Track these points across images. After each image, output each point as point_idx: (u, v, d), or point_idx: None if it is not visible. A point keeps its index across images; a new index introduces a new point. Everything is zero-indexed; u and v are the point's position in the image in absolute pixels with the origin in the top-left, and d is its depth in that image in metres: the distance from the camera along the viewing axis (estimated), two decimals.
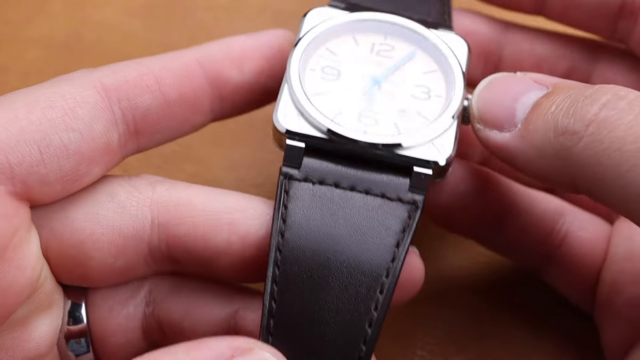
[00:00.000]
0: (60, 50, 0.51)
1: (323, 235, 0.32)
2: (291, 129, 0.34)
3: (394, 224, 0.33)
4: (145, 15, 0.53)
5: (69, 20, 0.53)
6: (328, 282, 0.31)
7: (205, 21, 0.53)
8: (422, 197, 0.33)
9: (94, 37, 0.52)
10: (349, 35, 0.37)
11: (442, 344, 0.41)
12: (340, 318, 0.31)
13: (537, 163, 0.32)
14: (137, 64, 0.35)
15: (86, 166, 0.32)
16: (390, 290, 0.31)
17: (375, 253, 0.32)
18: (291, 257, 0.32)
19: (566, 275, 0.39)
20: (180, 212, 0.34)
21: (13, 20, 0.53)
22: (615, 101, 0.30)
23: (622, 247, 0.38)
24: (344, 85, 0.36)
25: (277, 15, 0.53)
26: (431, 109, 0.35)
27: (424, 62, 0.37)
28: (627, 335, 0.37)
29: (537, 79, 0.34)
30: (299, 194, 0.33)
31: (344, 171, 0.34)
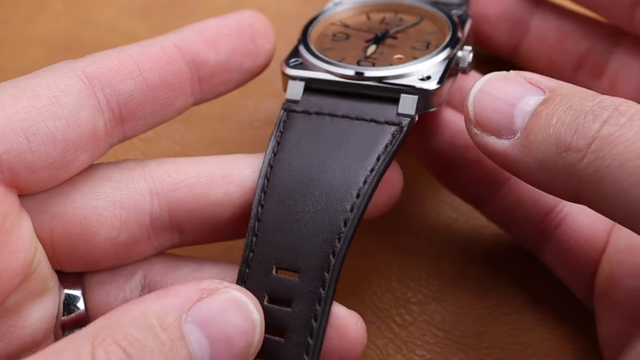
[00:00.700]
0: (60, 50, 0.51)
1: (311, 153, 0.35)
2: (294, 71, 0.38)
3: (378, 141, 0.35)
4: (145, 15, 0.53)
5: (69, 20, 0.53)
6: (310, 190, 0.34)
7: None
8: (408, 120, 0.36)
9: (94, 37, 0.52)
10: (363, 14, 0.41)
11: (442, 344, 0.41)
12: (318, 218, 0.34)
13: (539, 175, 0.32)
14: (117, 52, 0.35)
15: (73, 153, 0.33)
16: (367, 195, 0.34)
17: (356, 165, 0.35)
18: (280, 170, 0.35)
19: (563, 258, 0.40)
20: (174, 178, 0.35)
21: (13, 20, 0.53)
22: (616, 117, 0.30)
23: (623, 239, 0.38)
24: (350, 42, 0.39)
25: (277, 15, 0.53)
26: (428, 56, 0.38)
27: (428, 26, 0.40)
28: (624, 329, 0.37)
29: (532, 80, 0.34)
30: (296, 122, 0.36)
31: (340, 103, 0.37)
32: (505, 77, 0.34)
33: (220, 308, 0.29)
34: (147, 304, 0.29)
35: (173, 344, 0.28)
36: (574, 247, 0.39)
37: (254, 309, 0.30)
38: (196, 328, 0.28)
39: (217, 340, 0.29)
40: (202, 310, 0.29)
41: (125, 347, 0.27)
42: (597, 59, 0.43)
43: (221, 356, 0.29)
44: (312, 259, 0.33)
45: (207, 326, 0.29)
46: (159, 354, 0.27)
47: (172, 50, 0.36)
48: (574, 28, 0.43)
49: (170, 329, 0.28)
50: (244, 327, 0.30)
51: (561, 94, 0.33)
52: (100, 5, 0.53)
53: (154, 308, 0.28)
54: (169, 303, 0.29)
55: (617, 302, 0.37)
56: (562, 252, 0.40)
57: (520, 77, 0.34)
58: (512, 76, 0.34)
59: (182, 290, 0.30)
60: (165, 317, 0.28)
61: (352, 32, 0.40)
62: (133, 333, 0.27)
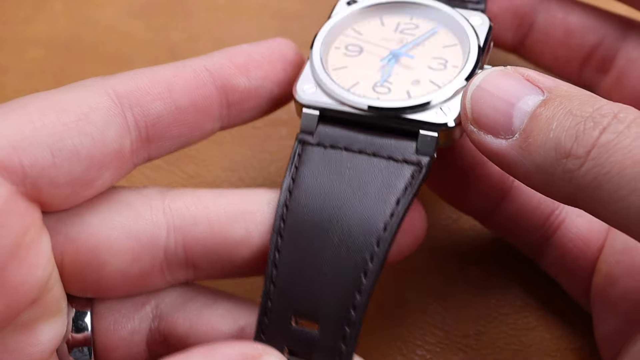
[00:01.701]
0: (60, 50, 0.51)
1: (328, 192, 0.34)
2: (307, 99, 0.36)
3: (397, 183, 0.34)
4: (145, 15, 0.53)
5: (69, 20, 0.53)
6: (328, 235, 0.33)
7: (205, 21, 0.53)
8: (427, 159, 0.35)
9: (94, 37, 0.52)
10: (376, 17, 0.39)
11: (442, 344, 0.41)
12: (337, 268, 0.33)
13: (537, 178, 0.32)
14: (149, 71, 0.35)
15: (97, 171, 0.33)
16: (387, 243, 0.33)
17: (375, 209, 0.34)
18: (296, 211, 0.34)
19: (562, 261, 0.40)
20: (194, 213, 0.34)
21: (13, 20, 0.53)
22: (615, 124, 0.30)
23: (619, 239, 0.38)
24: (364, 60, 0.37)
25: (277, 15, 0.53)
26: (445, 78, 0.36)
27: (445, 37, 0.38)
28: (621, 328, 0.37)
29: (530, 77, 0.33)
30: (311, 156, 0.35)
31: (355, 136, 0.36)
32: (503, 73, 0.34)
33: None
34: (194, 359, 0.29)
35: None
36: (572, 249, 0.39)
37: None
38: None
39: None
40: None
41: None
42: (604, 54, 0.43)
43: None
44: (332, 311, 0.32)
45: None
46: None
47: (203, 73, 0.36)
48: (581, 23, 0.43)
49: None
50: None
51: (560, 95, 0.32)
52: (100, 5, 0.53)
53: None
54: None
55: (615, 302, 0.37)
56: (561, 255, 0.40)
57: (519, 73, 0.34)
58: (510, 73, 0.34)
59: (227, 353, 0.29)
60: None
61: (365, 45, 0.38)
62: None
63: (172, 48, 0.52)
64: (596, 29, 0.43)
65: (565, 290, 0.41)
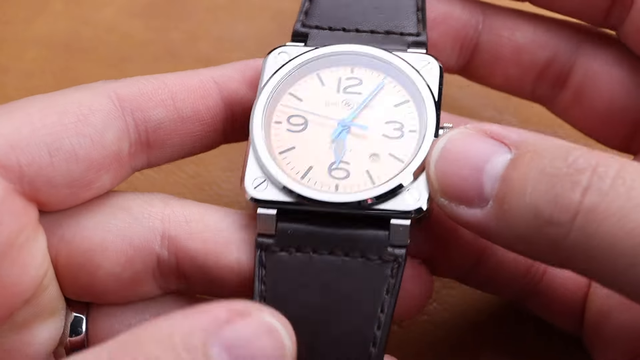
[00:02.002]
0: (60, 50, 0.51)
1: (306, 309, 0.31)
2: (260, 197, 0.33)
3: (377, 288, 0.32)
4: (145, 15, 0.53)
5: (69, 20, 0.53)
6: (318, 353, 0.31)
7: (205, 21, 0.53)
8: (403, 252, 0.32)
9: (94, 37, 0.52)
10: (313, 73, 0.35)
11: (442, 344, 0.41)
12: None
13: (520, 246, 0.30)
14: (154, 78, 0.35)
15: (95, 173, 0.33)
16: (380, 358, 0.31)
17: (360, 325, 0.31)
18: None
19: (551, 305, 0.38)
20: (192, 227, 0.34)
21: (13, 20, 0.53)
22: (597, 183, 0.28)
23: None
24: (312, 136, 0.34)
25: (277, 15, 0.53)
26: (405, 148, 0.33)
27: (394, 93, 0.35)
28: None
29: (494, 133, 0.31)
30: (277, 266, 0.32)
31: (321, 232, 0.32)
32: (465, 136, 0.31)
33: (250, 332, 0.28)
34: (173, 321, 0.28)
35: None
36: (560, 292, 0.38)
37: (286, 336, 0.28)
38: (222, 352, 0.27)
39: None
40: (230, 333, 0.27)
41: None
42: (559, 69, 0.40)
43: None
44: None
45: (234, 350, 0.27)
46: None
47: (209, 84, 0.35)
48: (529, 39, 0.40)
49: (194, 350, 0.27)
50: (273, 354, 0.28)
51: (529, 150, 0.30)
52: (100, 5, 0.53)
53: (179, 327, 0.27)
54: (195, 323, 0.27)
55: (611, 337, 0.36)
56: (549, 299, 0.38)
57: (481, 132, 0.31)
58: (472, 133, 0.31)
59: (212, 310, 0.28)
60: (190, 337, 0.27)
61: (309, 117, 0.34)
62: (154, 351, 0.26)
63: (172, 48, 0.52)
64: (547, 44, 0.40)
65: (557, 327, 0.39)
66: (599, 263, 0.28)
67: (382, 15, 0.36)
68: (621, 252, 0.27)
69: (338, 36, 0.36)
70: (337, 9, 0.37)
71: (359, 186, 0.33)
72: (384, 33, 0.36)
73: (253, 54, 0.37)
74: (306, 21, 0.37)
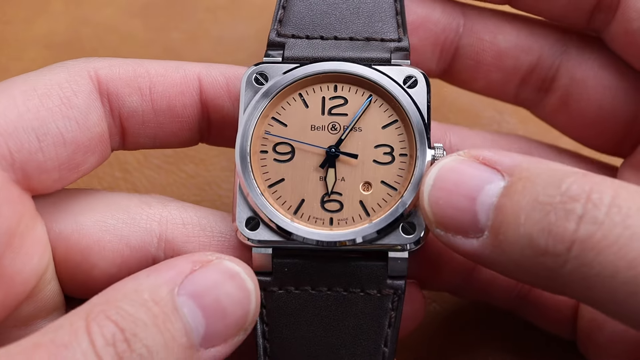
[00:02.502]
0: (60, 50, 0.51)
1: (311, 348, 0.32)
2: (255, 238, 0.32)
3: (380, 322, 0.32)
4: (145, 15, 0.53)
5: (69, 20, 0.53)
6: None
7: (205, 21, 0.53)
8: (402, 283, 0.32)
9: (94, 37, 0.52)
10: (295, 94, 0.34)
11: (442, 344, 0.41)
12: None
13: (518, 274, 0.30)
14: (139, 64, 0.34)
15: (82, 155, 0.33)
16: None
17: (366, 358, 0.31)
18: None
19: (543, 313, 0.38)
20: (189, 230, 0.34)
21: (13, 21, 0.53)
22: (592, 211, 0.27)
23: None
24: (300, 166, 0.33)
25: None
26: (397, 175, 0.33)
27: (380, 113, 0.34)
28: None
29: (486, 160, 0.30)
30: (277, 305, 0.32)
31: (318, 268, 0.32)
32: (457, 164, 0.31)
33: (213, 279, 0.29)
34: (140, 279, 0.29)
35: (166, 316, 0.28)
36: (552, 300, 0.38)
37: (247, 279, 0.30)
38: (189, 300, 0.28)
39: (211, 310, 0.29)
40: (195, 282, 0.29)
41: (118, 321, 0.27)
42: (543, 74, 0.39)
43: (216, 326, 0.29)
44: None
45: (200, 297, 0.28)
46: (152, 327, 0.27)
47: (191, 81, 0.35)
48: (512, 44, 0.39)
49: (162, 302, 0.28)
50: (238, 297, 0.29)
51: (522, 177, 0.29)
52: (100, 5, 0.53)
53: (146, 283, 0.28)
54: (161, 277, 0.29)
55: (605, 346, 0.36)
56: (542, 307, 0.38)
57: (473, 158, 0.31)
58: (465, 160, 0.31)
59: (175, 264, 0.29)
60: (157, 290, 0.28)
61: (294, 144, 0.33)
62: (125, 307, 0.27)
63: (171, 48, 0.52)
64: (530, 48, 0.39)
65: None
66: (598, 292, 0.27)
67: (360, 21, 0.35)
68: (622, 281, 0.27)
69: (316, 45, 0.35)
70: (313, 16, 0.35)
71: (354, 220, 0.32)
72: (364, 40, 0.35)
73: (253, 54, 0.37)
74: (281, 30, 0.35)
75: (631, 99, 0.38)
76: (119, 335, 0.27)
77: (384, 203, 0.32)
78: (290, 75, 0.34)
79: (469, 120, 0.48)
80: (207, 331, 0.28)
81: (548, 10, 0.38)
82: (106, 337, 0.26)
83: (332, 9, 0.35)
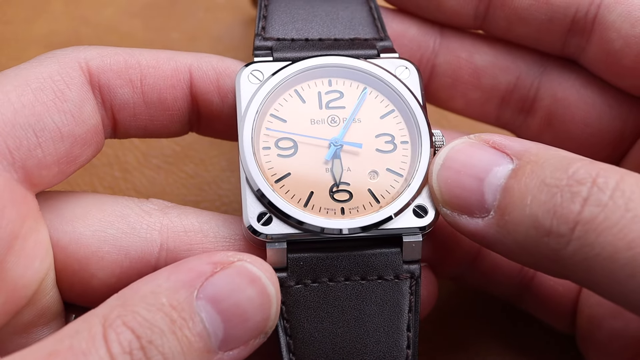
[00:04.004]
0: None
1: (334, 341, 0.31)
2: (269, 232, 0.32)
3: (400, 307, 0.32)
4: (145, 15, 0.53)
5: (69, 20, 0.53)
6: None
7: (205, 21, 0.53)
8: (417, 267, 0.32)
9: (94, 37, 0.52)
10: (291, 90, 0.34)
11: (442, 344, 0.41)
12: None
13: (522, 256, 0.30)
14: (129, 54, 0.34)
15: (80, 148, 0.33)
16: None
17: (391, 350, 0.31)
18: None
19: (543, 304, 0.38)
20: (191, 238, 0.34)
21: (13, 21, 0.53)
22: (596, 194, 0.28)
23: None
24: (305, 160, 0.33)
25: None
26: (401, 161, 0.33)
27: (377, 103, 0.34)
28: None
29: (495, 144, 0.31)
30: (296, 300, 0.32)
31: (334, 258, 0.32)
32: (466, 146, 0.31)
33: (233, 282, 0.28)
34: (158, 281, 0.28)
35: (184, 322, 0.27)
36: (552, 292, 0.38)
37: (268, 282, 0.29)
38: (208, 304, 0.28)
39: (231, 315, 0.28)
40: (214, 285, 0.28)
41: (135, 327, 0.27)
42: (523, 94, 0.39)
43: (236, 331, 0.28)
44: None
45: (220, 302, 0.28)
46: (168, 334, 0.27)
47: (182, 74, 0.34)
48: (489, 62, 0.39)
49: (180, 307, 0.27)
50: (258, 302, 0.29)
51: (530, 161, 0.30)
52: (100, 6, 0.53)
53: (164, 285, 0.28)
54: (180, 279, 0.28)
55: (604, 344, 0.36)
56: (541, 299, 0.38)
57: (483, 142, 0.31)
58: (475, 143, 0.31)
59: (195, 265, 0.29)
60: (175, 294, 0.28)
61: (297, 138, 0.34)
62: (142, 313, 0.27)
63: (171, 48, 0.51)
64: (508, 67, 0.39)
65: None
66: (598, 273, 0.28)
67: (341, 25, 0.36)
68: (621, 263, 0.27)
69: (302, 46, 0.35)
70: (295, 22, 0.36)
71: (365, 207, 0.33)
72: (349, 40, 0.36)
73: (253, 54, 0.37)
74: (265, 35, 0.36)
75: (616, 115, 0.38)
76: (135, 343, 0.26)
77: (391, 189, 0.33)
78: (285, 72, 0.34)
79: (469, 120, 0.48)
80: (225, 335, 0.28)
81: (521, 35, 0.38)
82: (123, 345, 0.26)
83: (312, 16, 0.36)
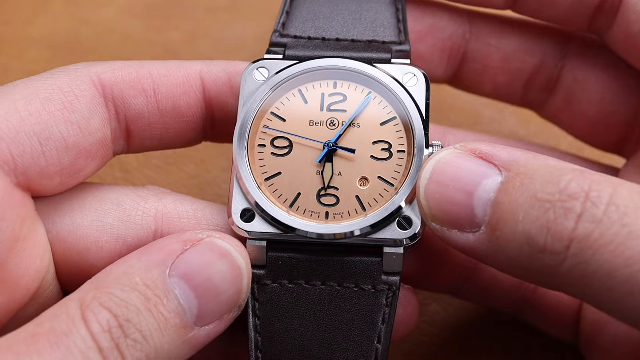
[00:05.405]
0: (61, 50, 0.51)
1: (303, 343, 0.31)
2: (249, 229, 0.32)
3: (373, 318, 0.31)
4: (145, 15, 0.53)
5: (69, 20, 0.53)
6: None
7: (205, 21, 0.53)
8: (396, 279, 0.32)
9: (94, 37, 0.52)
10: (295, 89, 0.34)
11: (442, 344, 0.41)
12: None
13: (515, 270, 0.30)
14: (140, 65, 0.34)
15: (84, 160, 0.33)
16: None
17: (357, 356, 0.31)
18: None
19: (545, 316, 0.38)
20: (185, 224, 0.34)
21: (14, 20, 0.53)
22: (590, 209, 0.27)
23: None
24: (297, 160, 0.33)
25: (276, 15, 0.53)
26: (394, 171, 0.33)
27: (379, 109, 0.34)
28: None
29: (483, 154, 0.30)
30: (270, 299, 0.32)
31: (312, 261, 0.32)
32: (453, 158, 0.30)
33: (204, 258, 0.29)
34: (130, 262, 0.29)
35: (158, 299, 0.28)
36: (555, 302, 0.38)
37: (238, 256, 0.30)
38: (180, 281, 0.29)
39: (203, 290, 0.29)
40: (185, 262, 0.29)
41: (111, 307, 0.27)
42: (547, 74, 0.40)
43: (210, 305, 0.29)
44: None
45: (192, 278, 0.29)
46: (144, 311, 0.28)
47: (194, 80, 0.34)
48: (517, 46, 0.39)
49: (154, 284, 0.28)
50: (230, 275, 0.30)
51: (519, 173, 0.29)
52: (100, 5, 0.53)
53: (136, 266, 0.29)
54: (152, 259, 0.29)
55: (607, 349, 0.36)
56: (545, 310, 0.38)
57: (469, 152, 0.30)
58: (461, 154, 0.30)
59: (165, 244, 0.29)
60: (148, 273, 0.28)
61: (293, 139, 0.34)
62: (117, 293, 0.28)
63: (171, 48, 0.52)
64: (533, 50, 0.39)
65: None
66: (595, 289, 0.27)
67: (362, 26, 0.36)
68: (619, 280, 0.26)
69: (317, 45, 0.35)
70: (316, 20, 0.36)
71: (349, 214, 0.32)
72: (366, 42, 0.35)
73: (253, 54, 0.37)
74: (283, 31, 0.36)
75: (632, 99, 0.38)
76: (113, 321, 0.27)
77: (380, 198, 0.32)
78: (289, 71, 0.34)
79: (469, 120, 0.48)
80: (200, 310, 0.29)
81: (550, 15, 0.38)
82: (102, 323, 0.27)
83: (334, 14, 0.36)
